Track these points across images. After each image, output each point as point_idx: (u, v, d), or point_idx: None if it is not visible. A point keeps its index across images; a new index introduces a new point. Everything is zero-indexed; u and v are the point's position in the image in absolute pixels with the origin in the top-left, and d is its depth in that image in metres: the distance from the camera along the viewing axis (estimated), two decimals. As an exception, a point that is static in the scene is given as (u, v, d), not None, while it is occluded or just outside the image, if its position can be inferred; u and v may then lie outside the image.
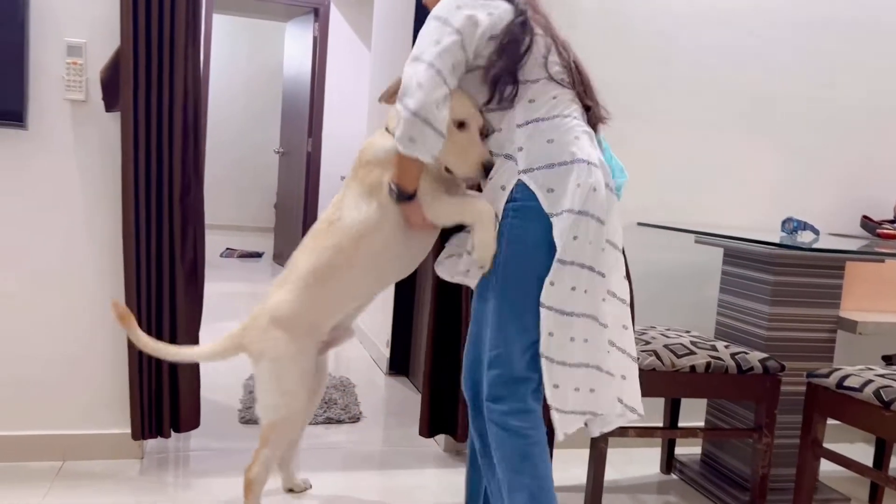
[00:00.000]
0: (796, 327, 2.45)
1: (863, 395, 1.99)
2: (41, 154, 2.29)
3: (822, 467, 2.33)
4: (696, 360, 2.20)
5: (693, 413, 2.85)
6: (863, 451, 3.04)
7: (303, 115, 6.54)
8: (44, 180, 2.30)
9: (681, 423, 2.76)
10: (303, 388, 1.96)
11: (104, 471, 2.34)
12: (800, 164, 3.03)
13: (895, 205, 3.11)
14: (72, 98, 2.27)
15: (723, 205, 2.96)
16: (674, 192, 2.90)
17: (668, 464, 2.73)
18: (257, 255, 7.58)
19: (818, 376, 2.14)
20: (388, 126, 1.87)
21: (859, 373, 2.07)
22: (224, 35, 9.02)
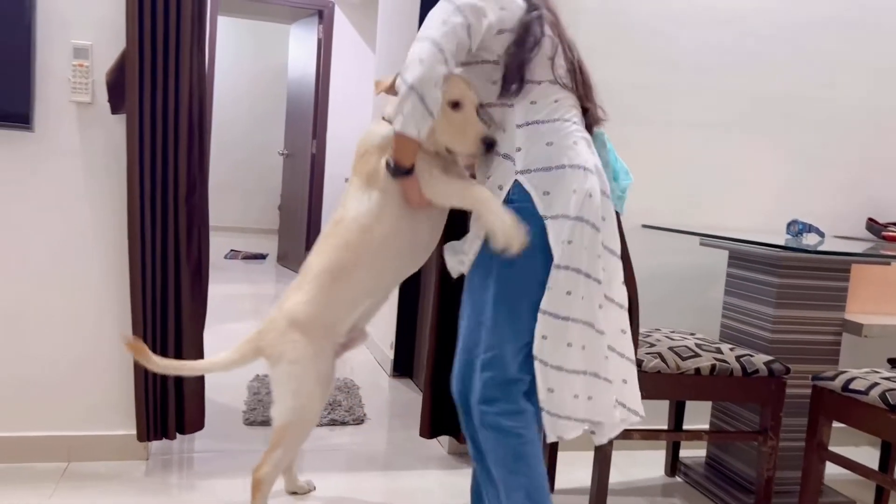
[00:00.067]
0: (802, 330, 2.44)
1: (868, 398, 1.99)
2: (47, 156, 2.30)
3: (827, 470, 2.32)
4: (701, 362, 2.20)
5: (698, 416, 2.85)
6: (868, 455, 3.04)
7: (307, 117, 6.56)
8: (50, 182, 2.31)
9: (685, 426, 2.75)
10: (319, 390, 1.97)
11: (109, 472, 2.35)
12: (805, 165, 3.02)
13: (901, 207, 3.10)
14: (78, 100, 2.28)
15: (727, 207, 2.96)
16: (678, 195, 2.90)
17: (673, 466, 2.73)
18: (261, 257, 7.58)
19: (824, 379, 2.14)
20: (385, 114, 1.88)
21: (865, 376, 2.07)
22: (229, 37, 9.04)
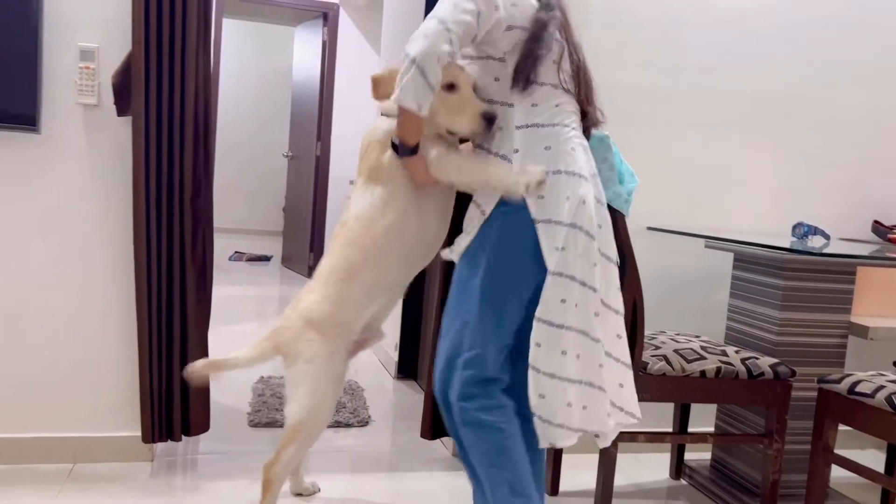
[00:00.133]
0: (807, 332, 2.44)
1: (874, 401, 1.98)
2: (54, 158, 2.31)
3: (833, 473, 2.31)
4: (707, 365, 2.19)
5: (703, 418, 2.84)
6: (874, 458, 3.02)
7: (312, 119, 6.57)
8: (56, 183, 2.32)
9: (690, 429, 2.74)
10: (333, 389, 1.98)
11: (114, 473, 2.35)
12: (805, 165, 3.01)
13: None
14: (84, 102, 2.29)
15: (728, 207, 2.95)
16: (679, 196, 2.89)
17: (678, 469, 2.72)
18: (266, 259, 7.59)
19: (829, 382, 2.13)
20: (383, 110, 1.89)
21: (871, 378, 2.06)
22: (234, 39, 9.06)
